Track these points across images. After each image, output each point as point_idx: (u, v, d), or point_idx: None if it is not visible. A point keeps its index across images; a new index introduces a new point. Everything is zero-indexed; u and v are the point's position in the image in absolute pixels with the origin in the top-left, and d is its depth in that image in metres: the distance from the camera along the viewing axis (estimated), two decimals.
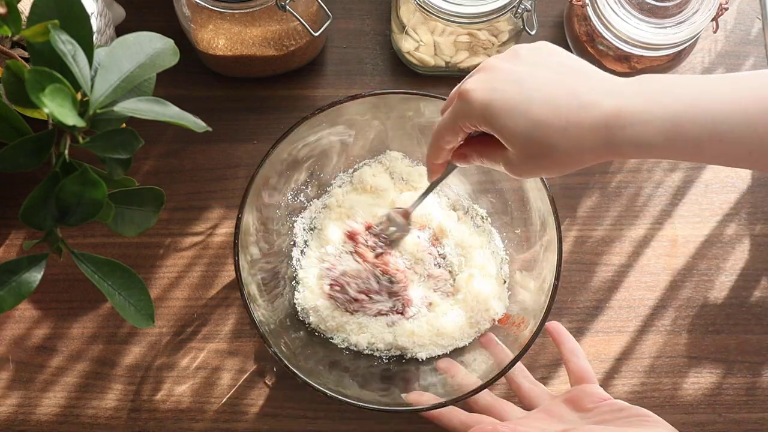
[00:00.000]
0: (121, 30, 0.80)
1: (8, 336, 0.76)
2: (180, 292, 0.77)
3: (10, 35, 0.55)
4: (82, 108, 0.45)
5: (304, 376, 0.65)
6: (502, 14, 0.73)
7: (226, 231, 0.79)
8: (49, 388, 0.75)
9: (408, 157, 0.78)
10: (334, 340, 0.73)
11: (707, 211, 0.80)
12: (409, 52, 0.80)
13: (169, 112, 0.46)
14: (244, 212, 0.67)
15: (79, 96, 0.45)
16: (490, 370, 0.67)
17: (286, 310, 0.73)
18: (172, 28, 0.75)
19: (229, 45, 0.75)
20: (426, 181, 0.64)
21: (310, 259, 0.76)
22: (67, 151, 0.46)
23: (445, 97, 0.70)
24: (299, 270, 0.75)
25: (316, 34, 0.73)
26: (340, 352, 0.73)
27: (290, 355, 0.68)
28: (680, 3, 0.74)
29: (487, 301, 0.72)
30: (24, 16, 0.50)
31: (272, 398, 0.75)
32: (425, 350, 0.72)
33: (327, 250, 0.75)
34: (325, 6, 0.73)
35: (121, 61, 0.46)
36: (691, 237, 0.79)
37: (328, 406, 0.74)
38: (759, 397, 0.76)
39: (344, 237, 0.74)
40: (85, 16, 0.46)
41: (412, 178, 0.77)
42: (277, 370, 0.75)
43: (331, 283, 0.73)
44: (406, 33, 0.78)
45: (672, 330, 0.77)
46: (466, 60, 0.79)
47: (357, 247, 0.73)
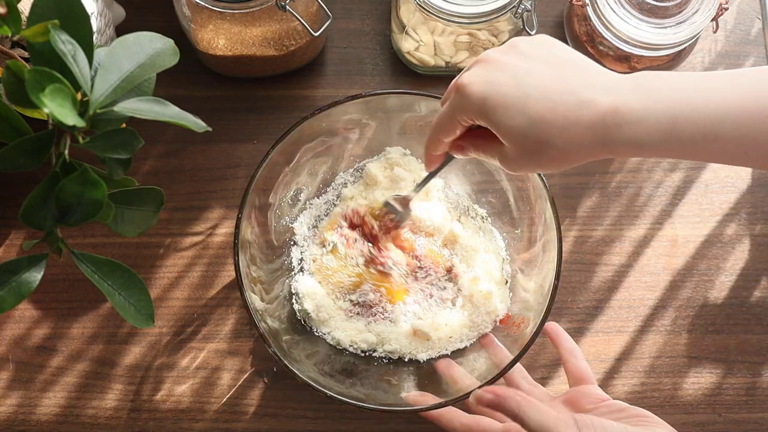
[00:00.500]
0: (121, 30, 0.80)
1: (8, 336, 0.76)
2: (180, 292, 0.77)
3: (10, 35, 0.55)
4: (82, 108, 0.45)
5: (304, 377, 0.65)
6: (502, 14, 0.73)
7: (226, 231, 0.79)
8: (49, 388, 0.75)
9: (410, 152, 0.78)
10: (329, 340, 0.73)
11: (707, 211, 0.80)
12: (409, 52, 0.80)
13: (169, 112, 0.46)
14: (244, 212, 0.67)
15: (79, 96, 0.45)
16: (489, 370, 0.67)
17: (286, 310, 0.73)
18: (172, 28, 0.75)
19: (229, 45, 0.75)
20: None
21: (311, 253, 0.75)
22: (67, 151, 0.46)
23: None
24: (298, 268, 0.75)
25: (316, 34, 0.73)
26: (339, 352, 0.73)
27: (290, 355, 0.68)
28: (680, 3, 0.74)
29: (490, 303, 0.72)
30: (24, 16, 0.50)
31: (272, 398, 0.75)
32: (426, 352, 0.72)
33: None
34: (325, 6, 0.73)
35: (121, 61, 0.46)
36: (691, 237, 0.79)
37: (328, 406, 0.74)
38: (759, 397, 0.76)
39: (344, 222, 0.74)
40: (85, 16, 0.46)
41: (415, 171, 0.77)
42: (277, 370, 0.75)
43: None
44: (406, 33, 0.78)
45: (672, 330, 0.77)
46: (466, 60, 0.79)
47: (363, 227, 0.73)
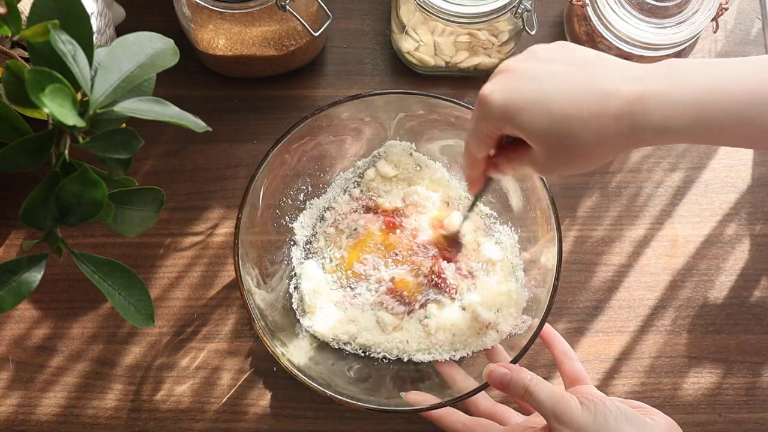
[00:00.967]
0: (121, 30, 0.80)
1: (8, 336, 0.76)
2: (180, 292, 0.77)
3: (10, 35, 0.55)
4: (82, 108, 0.45)
5: (304, 377, 0.65)
6: (502, 14, 0.73)
7: (226, 231, 0.79)
8: (49, 388, 0.75)
9: (414, 146, 0.77)
10: (311, 331, 0.73)
11: (707, 211, 0.80)
12: (409, 52, 0.80)
13: (169, 112, 0.46)
14: (244, 212, 0.67)
15: (79, 96, 0.45)
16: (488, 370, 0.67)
17: (287, 310, 0.73)
18: (172, 28, 0.75)
19: (229, 45, 0.75)
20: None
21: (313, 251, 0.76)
22: (67, 151, 0.46)
23: (445, 97, 0.70)
24: (298, 266, 0.75)
25: (316, 34, 0.73)
26: (339, 353, 0.73)
27: (290, 354, 0.68)
28: (680, 3, 0.74)
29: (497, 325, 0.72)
30: (24, 16, 0.50)
31: (272, 398, 0.75)
32: (427, 354, 0.72)
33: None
34: (325, 6, 0.73)
35: (121, 61, 0.46)
36: (691, 237, 0.79)
37: (328, 406, 0.74)
38: (759, 397, 0.76)
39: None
40: (85, 16, 0.46)
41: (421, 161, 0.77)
42: (276, 370, 0.75)
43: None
44: (406, 33, 0.78)
45: (672, 330, 0.77)
46: (466, 60, 0.79)
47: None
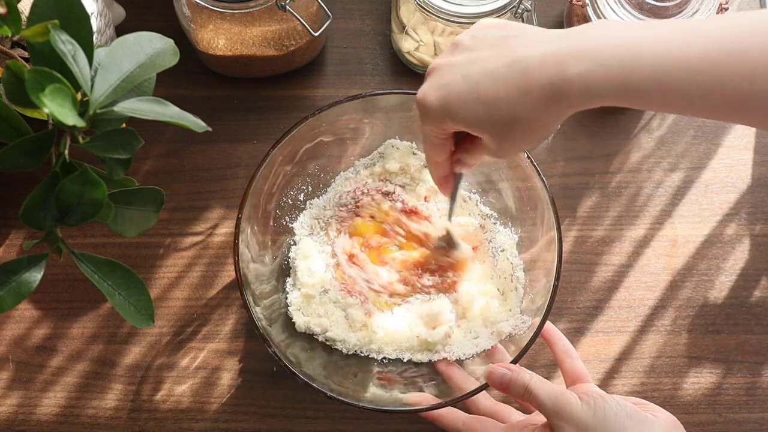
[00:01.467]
0: (121, 30, 0.80)
1: (8, 336, 0.76)
2: (180, 292, 0.77)
3: (10, 35, 0.55)
4: (82, 108, 0.45)
5: (303, 377, 0.65)
6: (502, 14, 0.73)
7: (226, 231, 0.79)
8: (49, 388, 0.75)
9: (415, 145, 0.77)
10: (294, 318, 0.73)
11: (707, 211, 0.80)
12: (409, 52, 0.80)
13: (169, 112, 0.46)
14: (244, 212, 0.67)
15: (79, 96, 0.45)
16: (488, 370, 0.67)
17: (286, 310, 0.73)
18: (172, 28, 0.75)
19: (229, 45, 0.75)
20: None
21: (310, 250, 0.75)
22: (67, 151, 0.46)
23: None
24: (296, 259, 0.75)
25: (316, 34, 0.73)
26: (339, 352, 0.73)
27: (290, 355, 0.68)
28: (680, 3, 0.74)
29: (496, 323, 0.72)
30: (24, 16, 0.50)
31: (272, 398, 0.75)
32: (426, 355, 0.72)
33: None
34: (325, 6, 0.73)
35: (121, 61, 0.46)
36: (691, 237, 0.79)
37: (328, 406, 0.74)
38: (759, 397, 0.76)
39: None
40: (85, 16, 0.46)
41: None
42: (277, 370, 0.75)
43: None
44: (406, 33, 0.78)
45: (672, 330, 0.77)
46: None
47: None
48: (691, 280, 0.78)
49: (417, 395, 0.67)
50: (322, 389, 0.64)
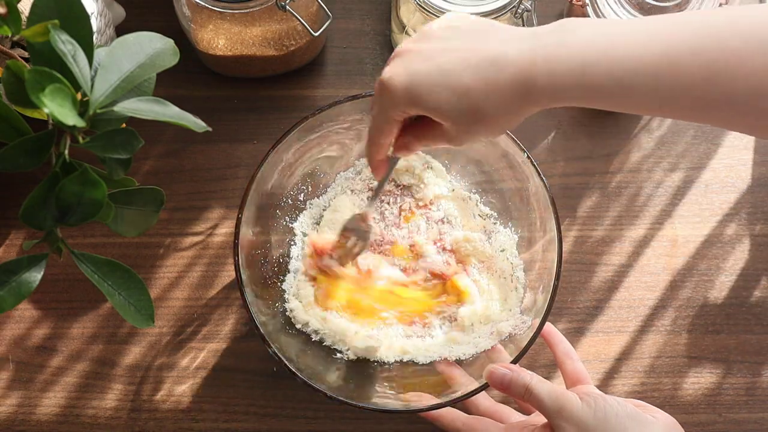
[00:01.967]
0: (121, 30, 0.80)
1: (8, 336, 0.76)
2: (180, 292, 0.77)
3: (10, 35, 0.55)
4: (82, 108, 0.45)
5: (304, 377, 0.65)
6: (502, 14, 0.73)
7: (226, 231, 0.79)
8: (49, 388, 0.75)
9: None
10: (326, 342, 0.73)
11: (707, 211, 0.80)
12: None
13: (169, 112, 0.46)
14: (244, 212, 0.67)
15: (79, 96, 0.45)
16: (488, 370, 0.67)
17: (286, 310, 0.73)
18: (172, 28, 0.75)
19: (229, 45, 0.75)
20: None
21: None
22: (67, 151, 0.46)
23: None
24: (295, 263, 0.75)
25: (316, 34, 0.73)
26: (338, 352, 0.73)
27: (290, 355, 0.68)
28: (680, 3, 0.74)
29: (496, 323, 0.72)
30: (24, 16, 0.50)
31: (272, 398, 0.75)
32: (426, 356, 0.72)
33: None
34: (325, 6, 0.73)
35: (121, 61, 0.46)
36: (691, 237, 0.79)
37: (328, 406, 0.74)
38: (759, 397, 0.76)
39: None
40: (85, 16, 0.46)
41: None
42: (277, 370, 0.75)
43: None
44: (406, 33, 0.78)
45: (672, 330, 0.77)
46: None
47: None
48: (691, 280, 0.78)
49: (417, 395, 0.67)
50: (322, 389, 0.64)
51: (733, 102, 0.48)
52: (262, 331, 0.66)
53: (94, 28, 0.70)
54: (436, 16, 0.73)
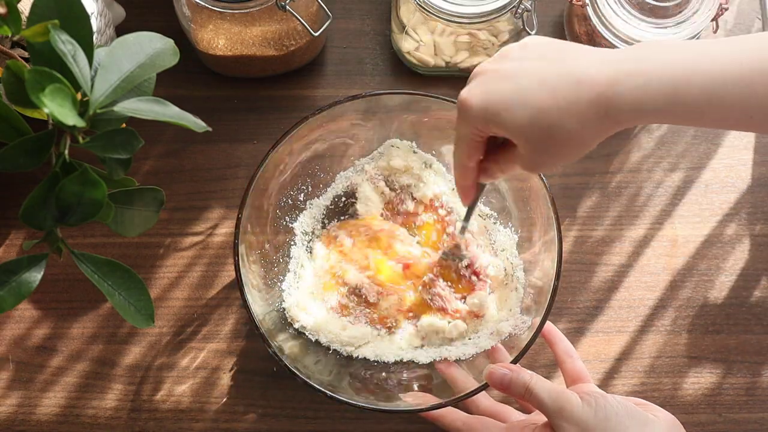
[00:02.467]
0: (121, 30, 0.80)
1: (8, 336, 0.76)
2: (180, 292, 0.77)
3: (10, 35, 0.55)
4: (82, 108, 0.45)
5: (304, 377, 0.65)
6: (502, 14, 0.73)
7: (226, 231, 0.79)
8: (49, 388, 0.75)
9: (416, 145, 0.77)
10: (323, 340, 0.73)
11: (707, 211, 0.80)
12: (409, 52, 0.80)
13: (169, 112, 0.46)
14: (244, 212, 0.67)
15: (79, 96, 0.45)
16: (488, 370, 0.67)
17: (286, 310, 0.73)
18: (172, 28, 0.75)
19: (229, 45, 0.75)
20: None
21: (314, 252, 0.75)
22: (67, 151, 0.46)
23: (445, 98, 0.70)
24: (298, 268, 0.75)
25: (316, 34, 0.73)
26: (338, 352, 0.73)
27: (290, 354, 0.68)
28: (680, 3, 0.74)
29: (497, 323, 0.72)
30: (24, 16, 0.50)
31: (272, 398, 0.75)
32: (426, 356, 0.72)
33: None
34: (325, 6, 0.73)
35: (121, 61, 0.46)
36: (691, 237, 0.79)
37: (328, 406, 0.74)
38: (759, 397, 0.76)
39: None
40: (85, 16, 0.46)
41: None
42: (277, 370, 0.75)
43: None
44: (406, 33, 0.78)
45: (672, 330, 0.77)
46: (466, 60, 0.79)
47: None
48: (691, 280, 0.78)
49: (417, 395, 0.67)
50: (322, 389, 0.64)
51: None
52: (262, 331, 0.66)
53: (94, 28, 0.70)
54: (437, 16, 0.73)
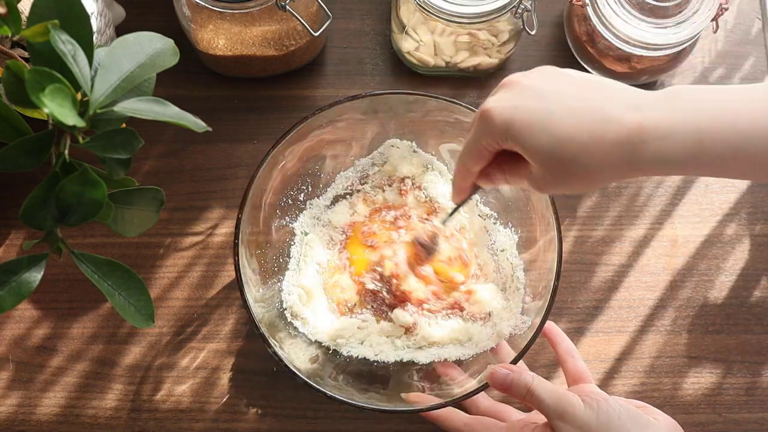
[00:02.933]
0: (121, 30, 0.80)
1: (8, 336, 0.76)
2: (180, 292, 0.77)
3: (10, 35, 0.55)
4: (82, 108, 0.45)
5: (304, 377, 0.65)
6: (502, 14, 0.73)
7: (226, 231, 0.79)
8: (49, 388, 0.75)
9: (416, 144, 0.77)
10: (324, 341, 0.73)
11: (707, 211, 0.80)
12: (409, 52, 0.80)
13: (169, 112, 0.46)
14: (244, 212, 0.67)
15: (79, 96, 0.45)
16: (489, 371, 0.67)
17: (286, 310, 0.73)
18: (172, 28, 0.75)
19: (229, 45, 0.75)
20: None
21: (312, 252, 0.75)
22: (67, 151, 0.46)
23: (445, 98, 0.70)
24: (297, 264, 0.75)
25: (316, 34, 0.73)
26: (338, 352, 0.73)
27: (290, 354, 0.68)
28: (680, 3, 0.74)
29: (497, 323, 0.72)
30: (24, 16, 0.50)
31: (272, 398, 0.75)
32: (426, 356, 0.72)
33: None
34: (325, 6, 0.73)
35: (121, 61, 0.46)
36: (691, 237, 0.79)
37: (328, 406, 0.74)
38: (759, 397, 0.76)
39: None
40: (85, 16, 0.46)
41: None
42: (277, 370, 0.75)
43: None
44: (406, 33, 0.78)
45: (672, 330, 0.77)
46: (466, 60, 0.79)
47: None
48: (691, 280, 0.78)
49: (417, 395, 0.67)
50: (322, 389, 0.64)
51: None
52: (262, 331, 0.66)
53: (94, 28, 0.70)
54: (437, 16, 0.73)
